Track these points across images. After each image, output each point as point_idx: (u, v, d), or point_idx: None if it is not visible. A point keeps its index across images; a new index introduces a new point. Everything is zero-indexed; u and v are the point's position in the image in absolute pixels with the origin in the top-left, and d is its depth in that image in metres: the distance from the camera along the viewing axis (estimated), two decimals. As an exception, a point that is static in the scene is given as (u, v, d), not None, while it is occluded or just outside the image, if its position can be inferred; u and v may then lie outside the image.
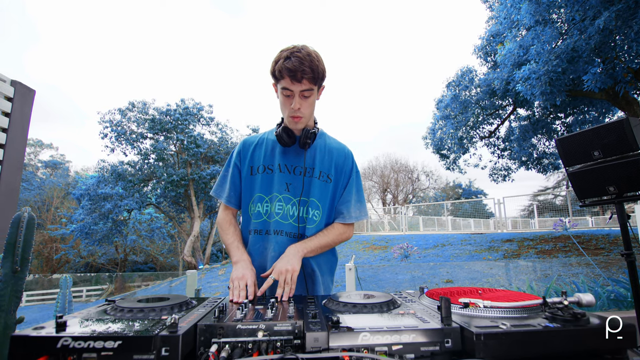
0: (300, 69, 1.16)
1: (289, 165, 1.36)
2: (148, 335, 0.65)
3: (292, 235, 1.33)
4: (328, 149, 1.40)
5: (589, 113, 11.73)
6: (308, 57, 1.18)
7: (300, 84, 1.19)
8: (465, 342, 0.71)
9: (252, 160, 1.39)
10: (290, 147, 1.36)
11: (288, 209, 1.33)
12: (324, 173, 1.37)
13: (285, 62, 1.17)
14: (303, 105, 1.24)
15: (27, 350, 0.64)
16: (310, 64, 1.17)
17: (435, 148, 13.72)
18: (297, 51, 1.18)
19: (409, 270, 7.89)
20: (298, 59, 1.16)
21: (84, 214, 20.62)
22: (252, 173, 1.38)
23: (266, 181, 1.35)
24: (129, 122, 20.67)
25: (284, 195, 1.33)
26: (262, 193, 1.35)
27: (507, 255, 9.03)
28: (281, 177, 1.34)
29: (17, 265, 1.58)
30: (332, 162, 1.39)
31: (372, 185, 37.41)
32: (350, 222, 1.38)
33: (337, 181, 1.39)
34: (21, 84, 2.61)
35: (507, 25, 9.65)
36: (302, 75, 1.17)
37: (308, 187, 1.34)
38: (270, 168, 1.36)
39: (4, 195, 2.48)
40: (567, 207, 13.34)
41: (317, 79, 1.21)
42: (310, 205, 1.34)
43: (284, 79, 1.20)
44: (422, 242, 12.11)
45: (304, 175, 1.34)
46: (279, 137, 1.32)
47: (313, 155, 1.38)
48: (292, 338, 0.73)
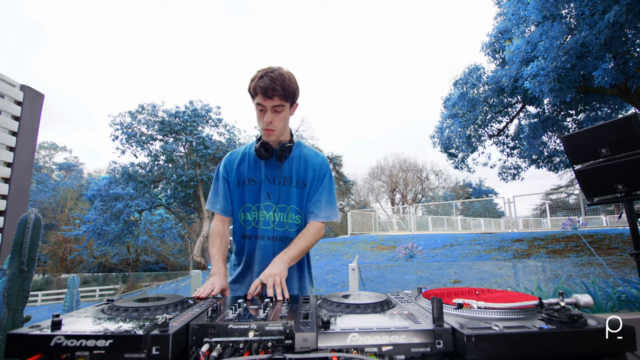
0: (272, 87, 1.31)
1: (270, 176, 1.51)
2: (138, 334, 0.66)
3: (276, 238, 1.49)
4: (304, 158, 1.55)
5: (601, 110, 11.46)
6: (280, 77, 1.33)
7: (271, 100, 1.34)
8: (456, 344, 0.70)
9: (238, 173, 1.54)
10: (269, 160, 1.51)
11: (270, 216, 1.49)
12: (300, 180, 1.52)
13: (259, 81, 1.33)
14: (275, 119, 1.39)
15: (22, 348, 0.66)
16: (281, 83, 1.32)
17: (443, 147, 13.57)
18: (271, 72, 1.34)
19: (416, 271, 7.82)
20: (270, 79, 1.31)
21: (96, 214, 21.02)
22: (240, 185, 1.53)
23: (253, 192, 1.51)
24: (139, 125, 21.01)
25: (265, 203, 1.49)
26: (250, 203, 1.51)
27: (517, 255, 8.88)
28: (264, 187, 1.50)
29: (24, 265, 1.61)
30: (308, 169, 1.53)
31: (381, 185, 37.26)
32: (321, 220, 1.51)
33: (311, 185, 1.54)
34: (30, 88, 2.67)
35: (515, 21, 9.50)
36: (273, 93, 1.32)
37: (288, 195, 1.50)
38: (254, 180, 1.52)
39: (15, 197, 2.55)
40: (580, 206, 13.05)
41: (287, 96, 1.36)
42: (291, 211, 1.50)
43: (257, 96, 1.35)
44: (430, 242, 12.00)
45: (282, 185, 1.50)
46: (258, 151, 1.47)
47: (290, 165, 1.52)
48: (284, 338, 0.74)
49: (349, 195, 35.25)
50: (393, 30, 65.42)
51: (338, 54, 64.32)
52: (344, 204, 35.24)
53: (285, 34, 63.55)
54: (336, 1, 60.22)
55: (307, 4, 61.95)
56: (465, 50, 43.23)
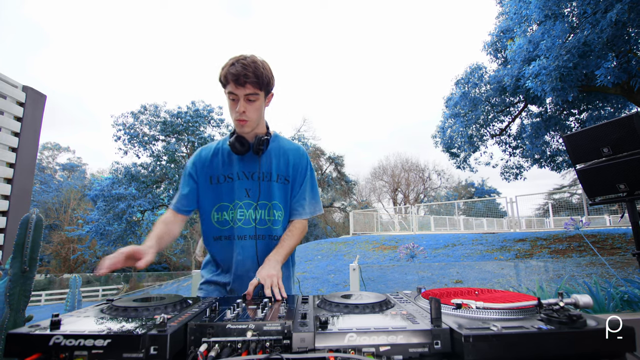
0: (243, 73, 1.23)
1: (247, 172, 1.41)
2: (136, 334, 0.66)
3: (259, 237, 1.40)
4: (283, 152, 1.47)
5: (604, 109, 11.41)
6: (252, 64, 1.25)
7: (244, 88, 1.25)
8: (454, 344, 0.70)
9: (210, 170, 1.44)
10: (245, 155, 1.41)
11: (250, 214, 1.39)
12: (282, 175, 1.44)
13: (230, 68, 1.25)
14: (248, 109, 1.30)
15: (21, 348, 0.66)
16: (254, 70, 1.24)
17: (445, 147, 13.54)
18: (243, 59, 1.26)
19: (418, 271, 7.81)
20: (242, 65, 1.23)
21: (98, 214, 21.12)
22: (212, 182, 1.43)
23: (228, 190, 1.41)
24: (141, 125, 21.09)
25: (244, 201, 1.40)
26: (225, 201, 1.41)
27: (520, 255, 8.85)
28: (240, 184, 1.40)
29: (25, 265, 1.62)
30: (289, 163, 1.46)
31: (383, 185, 37.21)
32: (306, 217, 1.47)
33: (294, 181, 1.47)
34: (32, 89, 2.68)
35: (517, 20, 9.47)
36: (245, 80, 1.23)
37: (269, 191, 1.42)
38: (230, 177, 1.42)
39: (17, 197, 2.56)
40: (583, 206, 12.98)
41: (261, 84, 1.27)
42: (273, 208, 1.42)
43: (229, 84, 1.26)
44: (432, 241, 11.97)
45: (262, 180, 1.41)
46: (232, 146, 1.37)
47: (269, 159, 1.44)
48: (282, 338, 0.74)
49: (351, 195, 35.22)
50: (394, 29, 65.34)
51: (339, 54, 64.34)
52: (346, 203, 35.21)
53: (286, 34, 63.65)
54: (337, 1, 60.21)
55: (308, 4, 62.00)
56: (467, 50, 43.16)
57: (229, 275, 1.41)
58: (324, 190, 32.19)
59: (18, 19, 56.63)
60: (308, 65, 64.14)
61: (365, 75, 65.63)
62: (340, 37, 63.13)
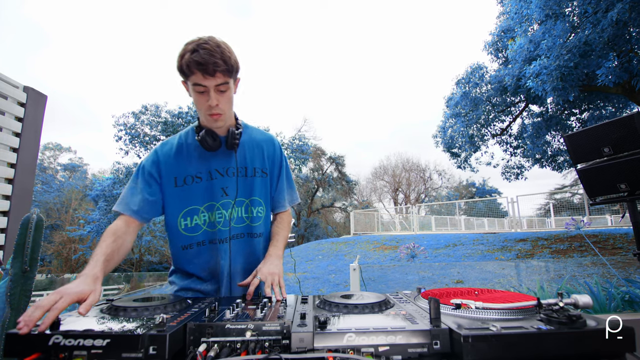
0: (212, 61, 1.06)
1: (221, 169, 1.28)
2: (136, 334, 0.66)
3: (240, 236, 1.30)
4: (256, 143, 1.36)
5: (605, 108, 11.39)
6: (218, 48, 1.08)
7: (213, 78, 1.09)
8: (453, 344, 0.70)
9: (175, 171, 1.26)
10: (217, 150, 1.26)
11: (230, 214, 1.27)
12: (259, 169, 1.34)
13: (193, 55, 1.06)
14: (221, 100, 1.15)
15: (21, 348, 0.67)
16: (221, 55, 1.08)
17: (445, 146, 13.54)
18: (205, 43, 1.08)
19: (419, 271, 7.81)
20: (207, 51, 1.06)
21: (99, 214, 21.20)
22: (178, 184, 1.25)
23: (198, 191, 1.26)
24: (142, 125, 21.14)
25: (222, 201, 1.27)
26: (196, 205, 1.26)
27: (521, 255, 8.84)
28: (215, 183, 1.27)
29: (26, 266, 1.63)
30: (264, 155, 1.36)
31: (384, 185, 37.21)
32: (288, 208, 1.43)
33: (272, 173, 1.39)
34: (33, 90, 2.69)
35: (518, 20, 9.47)
36: (215, 68, 1.07)
37: (250, 186, 1.31)
38: (199, 176, 1.26)
39: (18, 198, 2.57)
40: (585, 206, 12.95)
41: (231, 71, 1.12)
42: (252, 205, 1.32)
43: (194, 74, 1.09)
44: (433, 241, 11.97)
45: (238, 176, 1.29)
46: (203, 141, 1.22)
47: (243, 153, 1.31)
48: (281, 338, 0.74)
49: (352, 195, 35.22)
50: (395, 29, 65.31)
51: (340, 54, 64.34)
52: (347, 203, 35.22)
53: (287, 34, 63.66)
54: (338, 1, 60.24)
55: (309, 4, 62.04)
56: (468, 50, 43.12)
57: (213, 282, 1.30)
58: (325, 190, 32.19)
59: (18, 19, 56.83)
60: (309, 65, 64.19)
61: (366, 75, 65.67)
62: (340, 36, 63.16)
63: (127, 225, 1.19)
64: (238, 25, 67.20)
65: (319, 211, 32.95)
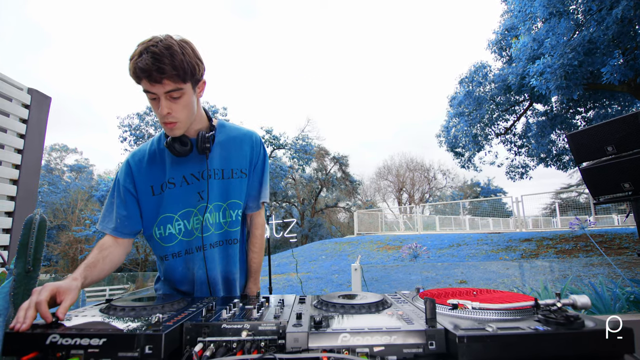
0: (155, 67, 0.95)
1: (196, 173, 1.21)
2: (131, 333, 0.67)
3: (218, 244, 1.24)
4: (235, 142, 1.27)
5: (611, 107, 11.28)
6: (166, 51, 0.96)
7: (161, 85, 0.99)
8: (449, 345, 0.70)
9: (151, 179, 1.20)
10: (189, 154, 1.20)
11: (207, 219, 1.21)
12: (237, 169, 1.25)
13: (138, 60, 0.97)
14: (174, 108, 1.05)
15: (19, 346, 0.68)
16: (170, 59, 0.97)
17: (449, 146, 13.49)
18: (153, 45, 0.97)
19: (422, 271, 7.78)
20: (152, 56, 0.95)
21: (104, 215, 21.40)
22: (155, 193, 1.20)
23: (172, 198, 1.20)
24: (146, 126, 21.33)
25: (199, 206, 1.20)
26: (170, 212, 1.20)
27: (525, 255, 8.77)
28: (190, 188, 1.20)
29: (29, 266, 1.64)
30: (243, 154, 1.27)
31: (388, 185, 37.14)
32: (261, 209, 1.36)
33: (251, 172, 1.29)
34: (37, 92, 2.72)
35: (522, 18, 9.40)
36: (161, 75, 0.97)
37: (224, 189, 1.24)
38: (172, 182, 1.20)
39: (23, 199, 2.60)
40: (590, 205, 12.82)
41: (183, 76, 1.01)
42: (231, 207, 1.25)
43: (142, 81, 1.00)
44: (437, 241, 11.92)
45: (214, 179, 1.22)
46: (170, 147, 1.14)
47: (220, 154, 1.24)
48: (277, 338, 0.74)
49: (356, 195, 35.18)
50: (398, 29, 65.14)
51: (344, 54, 64.31)
52: (351, 203, 35.19)
53: (291, 35, 63.76)
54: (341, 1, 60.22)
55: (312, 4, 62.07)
56: (472, 48, 42.86)
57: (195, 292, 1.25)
58: (329, 190, 32.18)
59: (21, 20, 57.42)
60: (313, 66, 64.24)
61: (370, 75, 65.54)
62: (344, 37, 63.11)
63: (113, 239, 1.18)
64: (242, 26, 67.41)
65: (323, 211, 32.97)
